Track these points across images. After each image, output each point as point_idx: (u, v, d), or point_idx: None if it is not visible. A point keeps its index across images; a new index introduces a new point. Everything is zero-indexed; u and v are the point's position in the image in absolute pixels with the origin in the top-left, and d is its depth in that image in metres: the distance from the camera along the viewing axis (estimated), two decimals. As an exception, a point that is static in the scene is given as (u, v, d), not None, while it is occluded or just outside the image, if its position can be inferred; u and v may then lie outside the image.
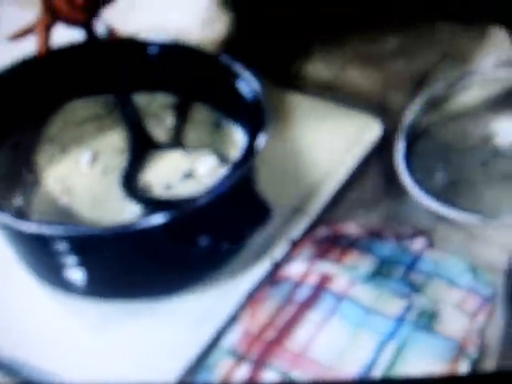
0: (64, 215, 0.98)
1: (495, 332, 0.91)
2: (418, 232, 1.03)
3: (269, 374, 0.87)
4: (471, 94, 1.18)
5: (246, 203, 0.87)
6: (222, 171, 0.97)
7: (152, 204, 0.92)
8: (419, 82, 1.22)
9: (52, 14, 1.05)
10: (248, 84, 0.98)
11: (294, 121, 1.16)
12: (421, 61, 1.27)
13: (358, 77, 1.26)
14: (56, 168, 1.05)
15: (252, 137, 0.89)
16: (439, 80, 1.18)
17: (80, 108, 1.08)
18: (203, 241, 0.85)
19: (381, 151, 1.13)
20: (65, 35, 1.07)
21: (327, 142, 1.12)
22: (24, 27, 1.08)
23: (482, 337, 0.91)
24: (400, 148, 1.11)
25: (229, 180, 0.86)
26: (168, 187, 0.99)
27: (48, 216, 0.97)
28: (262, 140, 0.89)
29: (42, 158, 1.05)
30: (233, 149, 1.00)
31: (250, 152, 0.88)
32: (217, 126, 1.05)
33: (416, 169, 1.10)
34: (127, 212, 0.96)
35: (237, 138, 1.01)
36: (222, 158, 1.03)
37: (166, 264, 0.90)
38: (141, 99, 1.06)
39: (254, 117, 0.92)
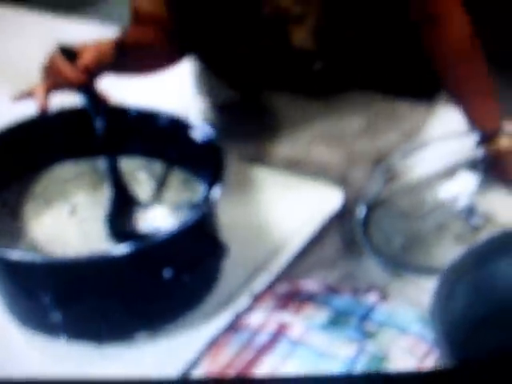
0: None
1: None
2: (373, 287, 1.10)
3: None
4: (426, 165, 1.27)
5: (204, 241, 0.98)
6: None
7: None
8: (380, 157, 1.31)
9: (54, 76, 1.14)
10: (210, 145, 1.10)
11: (262, 190, 1.26)
12: (381, 138, 1.37)
13: (322, 153, 1.36)
14: (41, 220, 1.14)
15: (210, 187, 0.99)
16: (397, 153, 1.27)
17: (65, 168, 1.18)
18: (167, 272, 0.94)
19: (342, 217, 1.22)
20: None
21: (292, 207, 1.22)
22: (26, 90, 1.17)
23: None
24: (360, 214, 1.19)
25: (186, 221, 0.96)
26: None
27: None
28: (217, 190, 0.99)
29: (27, 210, 1.14)
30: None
31: (206, 199, 0.98)
32: (187, 183, 1.15)
33: (374, 232, 1.18)
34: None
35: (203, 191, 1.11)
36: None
37: (135, 301, 0.98)
38: (121, 161, 1.15)
39: (213, 172, 1.02)
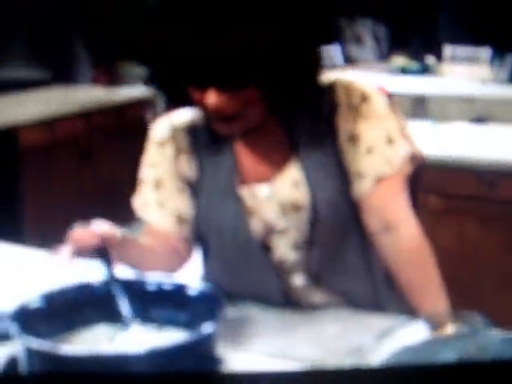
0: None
1: None
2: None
3: None
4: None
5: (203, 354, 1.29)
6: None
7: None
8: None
9: (76, 242, 1.45)
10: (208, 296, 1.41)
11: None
12: (354, 340, 1.59)
13: (302, 348, 1.57)
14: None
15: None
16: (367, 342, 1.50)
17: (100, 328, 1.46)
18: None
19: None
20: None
21: None
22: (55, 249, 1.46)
23: None
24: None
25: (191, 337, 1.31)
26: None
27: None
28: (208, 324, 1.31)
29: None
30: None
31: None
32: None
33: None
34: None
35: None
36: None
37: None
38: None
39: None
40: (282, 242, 1.65)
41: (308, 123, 1.62)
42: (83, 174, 4.70)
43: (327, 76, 1.62)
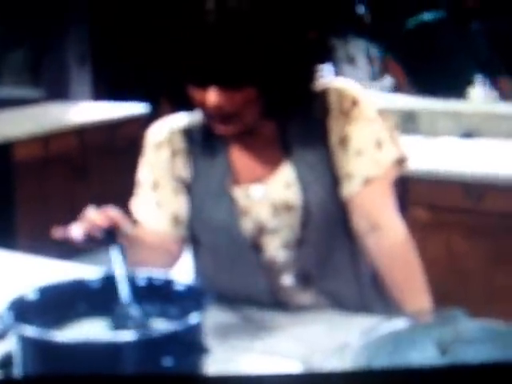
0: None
1: None
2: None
3: None
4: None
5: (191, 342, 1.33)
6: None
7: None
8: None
9: (87, 222, 1.49)
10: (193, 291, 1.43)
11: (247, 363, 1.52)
12: (341, 337, 1.62)
13: (290, 346, 1.61)
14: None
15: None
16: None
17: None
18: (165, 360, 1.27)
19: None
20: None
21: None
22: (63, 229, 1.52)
23: None
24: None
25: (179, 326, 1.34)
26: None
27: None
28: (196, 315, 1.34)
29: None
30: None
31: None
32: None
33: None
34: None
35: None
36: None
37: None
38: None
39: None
40: (273, 241, 1.70)
41: (301, 126, 1.68)
42: (77, 189, 4.74)
43: (321, 81, 1.68)
